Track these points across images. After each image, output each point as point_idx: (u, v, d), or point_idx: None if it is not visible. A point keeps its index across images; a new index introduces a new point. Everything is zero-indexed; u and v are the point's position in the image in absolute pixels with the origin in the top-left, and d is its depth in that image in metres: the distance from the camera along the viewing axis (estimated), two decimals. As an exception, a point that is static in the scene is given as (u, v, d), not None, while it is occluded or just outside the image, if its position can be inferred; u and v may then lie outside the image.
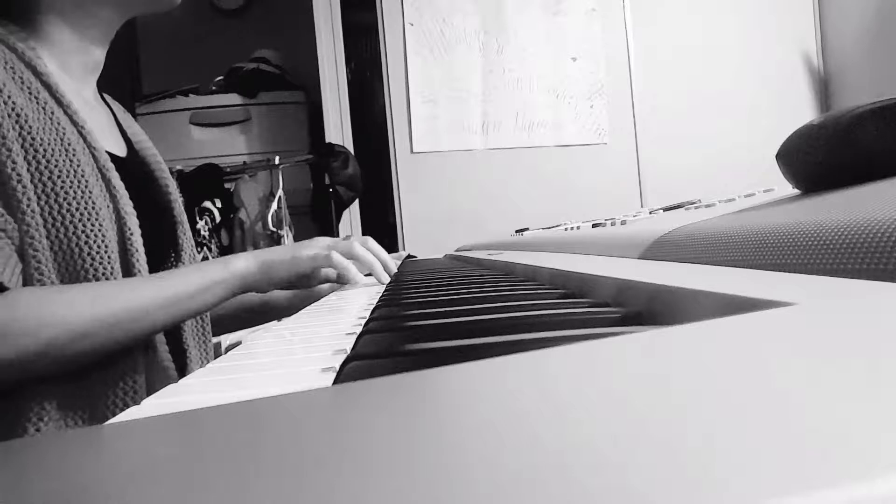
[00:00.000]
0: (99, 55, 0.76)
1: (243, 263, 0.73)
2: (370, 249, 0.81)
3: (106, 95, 0.84)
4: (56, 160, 0.63)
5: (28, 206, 0.61)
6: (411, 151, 2.34)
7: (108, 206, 0.66)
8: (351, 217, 2.37)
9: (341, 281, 0.83)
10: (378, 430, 0.11)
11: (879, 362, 0.12)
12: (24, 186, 0.61)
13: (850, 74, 2.31)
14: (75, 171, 0.64)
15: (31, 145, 0.62)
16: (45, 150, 0.63)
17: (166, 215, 0.81)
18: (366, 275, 0.81)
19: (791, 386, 0.11)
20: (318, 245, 0.78)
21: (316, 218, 2.32)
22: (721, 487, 0.07)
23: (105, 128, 0.77)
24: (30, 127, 0.62)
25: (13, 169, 0.60)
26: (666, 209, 0.86)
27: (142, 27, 2.92)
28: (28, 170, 0.62)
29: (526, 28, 2.37)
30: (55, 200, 0.62)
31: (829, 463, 0.07)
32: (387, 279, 0.80)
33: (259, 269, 0.73)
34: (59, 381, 0.61)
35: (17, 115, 0.62)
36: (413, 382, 0.15)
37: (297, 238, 2.32)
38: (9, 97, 0.62)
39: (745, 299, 0.22)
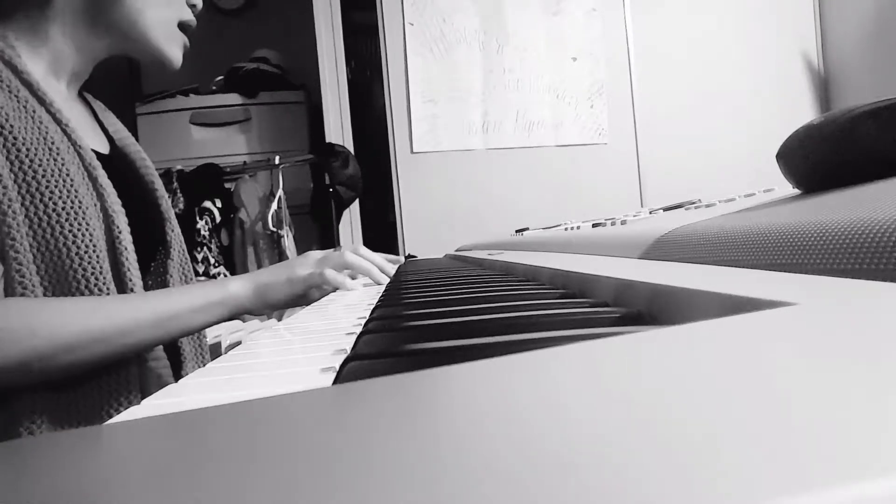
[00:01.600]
0: (90, 68, 0.76)
1: (239, 285, 0.72)
2: (363, 256, 0.80)
3: (86, 93, 0.83)
4: (40, 160, 0.62)
5: (9, 206, 0.60)
6: (411, 151, 2.34)
7: (95, 205, 0.65)
8: (351, 217, 2.37)
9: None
10: (378, 431, 0.11)
11: (879, 362, 0.12)
12: (4, 187, 0.60)
13: (850, 74, 2.31)
14: (60, 171, 0.63)
15: (14, 145, 0.61)
16: (27, 150, 0.61)
17: (153, 211, 0.80)
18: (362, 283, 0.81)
19: (791, 386, 0.11)
20: (310, 262, 0.77)
21: (316, 218, 2.32)
22: (721, 487, 0.07)
23: (87, 125, 0.76)
24: (11, 126, 0.61)
25: None
26: (666, 209, 0.86)
27: (142, 27, 2.92)
28: (11, 170, 0.60)
29: (526, 28, 2.37)
30: (40, 200, 0.61)
31: (829, 463, 0.07)
32: (385, 280, 0.80)
33: (254, 292, 0.73)
34: (50, 386, 0.61)
35: None
36: (413, 382, 0.15)
37: (297, 238, 2.32)
38: None
39: (745, 299, 0.22)
